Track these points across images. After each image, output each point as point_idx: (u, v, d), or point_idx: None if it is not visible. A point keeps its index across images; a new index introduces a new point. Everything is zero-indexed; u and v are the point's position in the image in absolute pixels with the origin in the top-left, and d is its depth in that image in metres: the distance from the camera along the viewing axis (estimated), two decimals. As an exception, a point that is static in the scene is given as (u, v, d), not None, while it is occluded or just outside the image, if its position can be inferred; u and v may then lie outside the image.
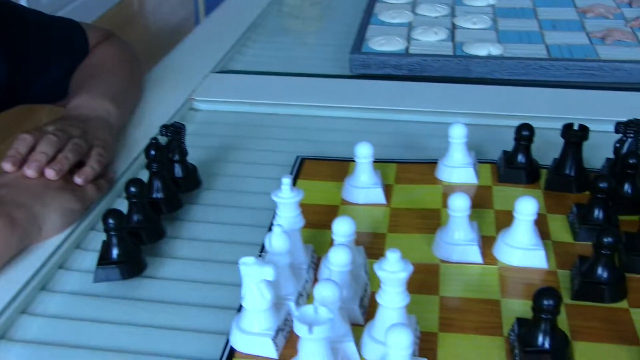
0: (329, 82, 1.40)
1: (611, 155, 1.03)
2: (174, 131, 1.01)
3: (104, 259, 0.85)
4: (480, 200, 0.99)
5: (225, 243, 0.93)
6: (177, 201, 0.98)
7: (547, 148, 1.07)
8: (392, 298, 0.70)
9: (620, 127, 1.00)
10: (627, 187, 0.96)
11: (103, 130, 1.07)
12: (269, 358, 0.73)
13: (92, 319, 0.81)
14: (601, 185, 0.90)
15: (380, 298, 0.71)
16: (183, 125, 1.03)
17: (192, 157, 1.05)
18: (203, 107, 1.31)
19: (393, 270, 0.69)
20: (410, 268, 0.70)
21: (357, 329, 0.76)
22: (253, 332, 0.73)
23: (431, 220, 0.95)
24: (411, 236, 0.93)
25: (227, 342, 0.75)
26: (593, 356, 0.73)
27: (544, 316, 0.71)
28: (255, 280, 0.71)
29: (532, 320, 0.72)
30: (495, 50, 1.41)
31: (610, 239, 0.79)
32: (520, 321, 0.75)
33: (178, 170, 1.02)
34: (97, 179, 1.00)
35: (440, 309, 0.80)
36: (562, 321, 0.77)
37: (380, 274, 0.70)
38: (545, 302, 0.71)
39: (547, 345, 0.71)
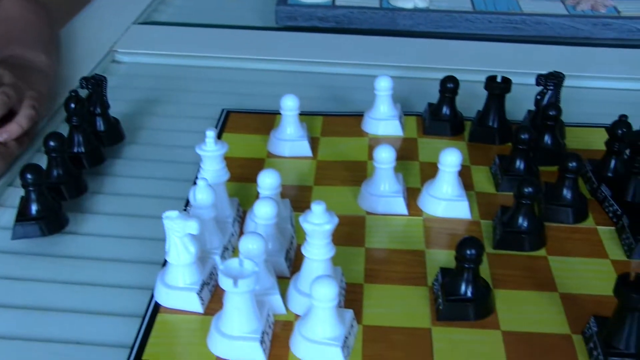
0: (255, 34, 1.38)
1: (533, 108, 1.05)
2: (95, 84, 0.99)
3: (22, 215, 0.82)
4: (405, 153, 1.00)
5: (149, 197, 0.91)
6: (100, 155, 0.96)
7: (472, 100, 1.09)
8: (318, 250, 0.71)
9: (541, 79, 1.02)
10: (547, 138, 0.98)
11: (39, 81, 1.03)
12: (194, 312, 0.73)
13: (13, 276, 0.79)
14: (522, 136, 0.91)
15: (305, 250, 0.71)
16: (104, 77, 1.00)
17: (115, 111, 1.03)
18: (126, 60, 1.28)
19: (318, 223, 0.69)
20: (336, 220, 0.70)
21: (284, 281, 0.76)
22: (178, 286, 0.73)
23: (357, 173, 0.95)
24: (337, 188, 0.93)
25: (152, 297, 0.74)
26: (513, 303, 0.75)
27: (466, 265, 0.72)
28: (179, 234, 0.70)
29: (455, 270, 0.74)
30: (421, 3, 1.41)
31: (530, 189, 0.81)
32: (444, 271, 0.76)
33: (100, 124, 0.99)
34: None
35: (366, 261, 0.81)
36: (484, 270, 0.78)
37: (305, 226, 0.70)
38: (468, 252, 0.72)
39: (469, 293, 0.73)
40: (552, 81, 1.01)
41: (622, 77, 1.23)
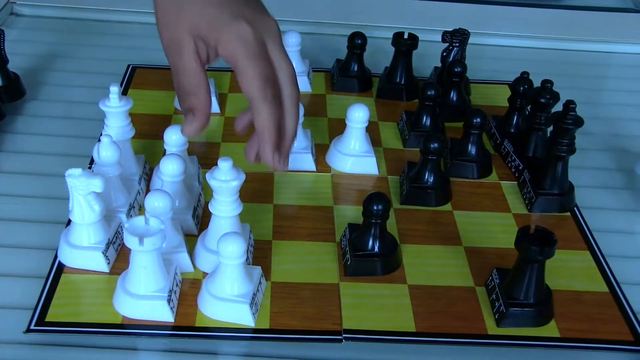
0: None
1: (439, 64, 1.06)
2: (-9, 37, 0.95)
3: None
4: (314, 109, 1.00)
5: (51, 155, 0.89)
6: (-2, 112, 0.93)
7: (380, 57, 1.09)
8: (225, 207, 0.70)
9: (446, 36, 1.03)
10: (453, 94, 0.99)
11: None
12: (99, 272, 0.71)
13: None
14: (428, 93, 0.92)
15: (212, 207, 0.71)
16: (2, 30, 0.96)
17: (14, 65, 0.99)
18: (26, 12, 1.23)
19: (225, 179, 0.69)
20: (243, 177, 0.70)
21: (192, 239, 0.75)
22: (82, 246, 0.71)
23: (266, 129, 0.95)
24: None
25: (56, 257, 0.73)
26: (420, 257, 0.77)
27: (373, 221, 0.73)
28: (83, 192, 0.68)
29: (362, 226, 0.75)
30: (330, -43, 1.40)
31: (435, 145, 0.82)
32: (352, 226, 0.77)
33: (-3, 79, 0.96)
34: None
35: (274, 217, 0.81)
36: (392, 225, 0.79)
37: (212, 183, 0.69)
38: (375, 207, 0.73)
39: (376, 249, 0.74)
40: (457, 38, 1.02)
41: (525, 35, 1.26)
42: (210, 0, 0.63)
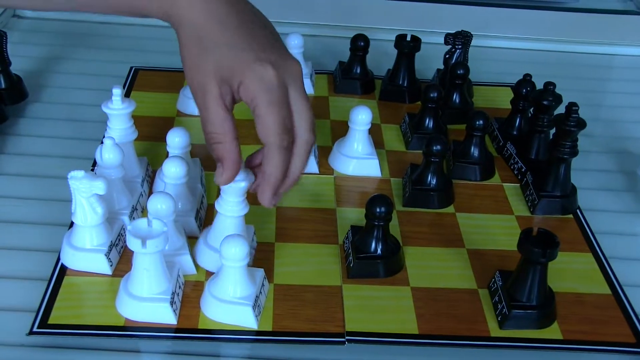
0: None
1: (441, 66, 1.06)
2: (-6, 39, 0.95)
3: None
4: (316, 111, 0.99)
5: (54, 157, 0.89)
6: (1, 114, 0.93)
7: (382, 59, 1.09)
8: (231, 207, 0.70)
9: (449, 38, 1.03)
10: (455, 96, 0.99)
11: None
12: (102, 274, 0.71)
13: None
14: (431, 94, 0.92)
15: (219, 206, 0.71)
16: (4, 32, 0.96)
17: (17, 68, 0.99)
18: (28, 14, 1.23)
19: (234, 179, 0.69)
20: (252, 178, 0.69)
21: (194, 241, 0.75)
22: (85, 248, 0.71)
23: (268, 132, 0.95)
24: (249, 147, 0.92)
25: (58, 259, 0.73)
26: (422, 259, 0.77)
27: (376, 223, 0.73)
28: (85, 194, 0.68)
29: (365, 228, 0.75)
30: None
31: (438, 147, 0.82)
32: (354, 229, 0.77)
33: (0, 81, 0.95)
34: None
35: (277, 219, 0.81)
36: (394, 227, 0.79)
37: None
38: (377, 210, 0.73)
39: (379, 251, 0.74)
40: (460, 40, 1.02)
41: (527, 38, 1.26)
42: (235, 43, 0.61)
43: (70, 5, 0.66)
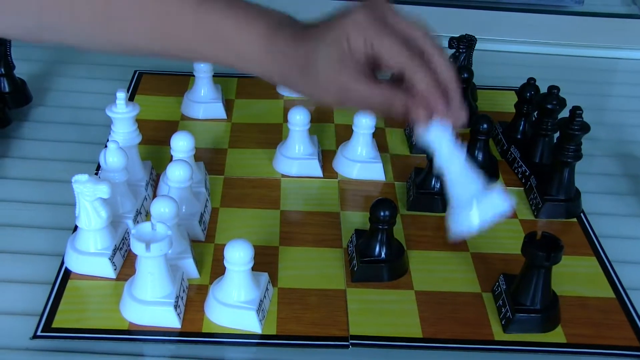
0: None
1: (446, 70, 1.06)
2: (-2, 43, 0.95)
3: None
4: (320, 115, 1.00)
5: (58, 161, 0.89)
6: (5, 118, 0.93)
7: (386, 63, 1.09)
8: None
9: (453, 42, 1.03)
10: (459, 100, 0.99)
11: None
12: (106, 278, 0.71)
13: None
14: (435, 99, 0.92)
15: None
16: (8, 36, 0.96)
17: (21, 71, 0.99)
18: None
19: None
20: None
21: (198, 245, 0.75)
22: (89, 252, 0.71)
23: (272, 135, 0.95)
24: (252, 151, 0.92)
25: (62, 263, 0.73)
26: (426, 263, 0.76)
27: (380, 227, 0.73)
28: (89, 198, 0.69)
29: (369, 231, 0.74)
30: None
31: (442, 151, 0.82)
32: (358, 232, 0.77)
33: (4, 85, 0.96)
34: None
35: (281, 223, 0.81)
36: (398, 231, 0.79)
37: None
38: (381, 213, 0.73)
39: (383, 254, 0.74)
40: (464, 44, 1.02)
41: (531, 41, 1.26)
42: (321, 33, 0.60)
43: (124, 47, 0.65)
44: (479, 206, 0.64)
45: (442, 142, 0.62)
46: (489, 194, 0.64)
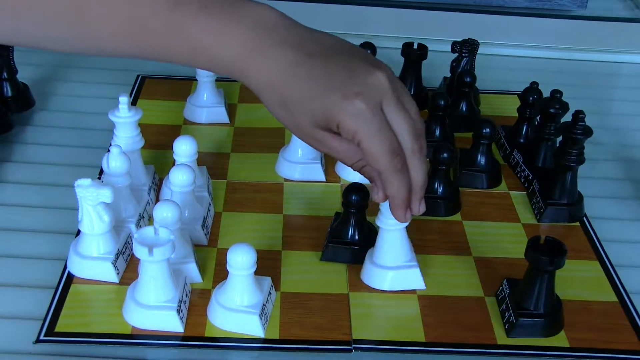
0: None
1: (448, 74, 1.06)
2: (0, 47, 0.95)
3: None
4: (323, 119, 1.00)
5: (61, 165, 0.89)
6: (7, 122, 0.93)
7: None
8: (394, 220, 0.69)
9: (456, 46, 1.03)
10: (462, 104, 0.99)
11: None
12: (109, 282, 0.71)
13: None
14: (438, 103, 0.92)
15: (380, 221, 0.71)
16: (11, 41, 0.96)
17: (23, 76, 0.99)
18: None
19: None
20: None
21: (201, 249, 0.75)
22: (92, 256, 0.71)
23: (275, 139, 0.95)
24: (255, 155, 0.92)
25: (65, 267, 0.73)
26: (429, 267, 0.76)
27: (352, 211, 0.75)
28: (92, 202, 0.69)
29: (342, 215, 0.77)
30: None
31: (445, 155, 0.82)
32: (337, 214, 0.80)
33: (7, 89, 0.96)
34: None
35: (284, 227, 0.81)
36: (401, 235, 0.79)
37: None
38: (353, 197, 0.75)
39: (356, 237, 0.76)
40: (467, 48, 1.02)
41: (534, 45, 1.26)
42: (316, 91, 0.60)
43: (102, 50, 0.64)
44: (396, 275, 0.72)
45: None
46: (409, 269, 0.72)
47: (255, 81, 0.62)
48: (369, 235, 0.76)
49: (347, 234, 0.76)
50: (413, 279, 0.72)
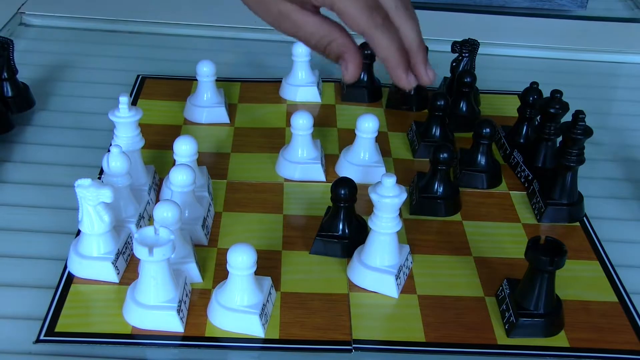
0: (170, -2, 1.35)
1: (448, 74, 1.06)
2: (0, 47, 0.95)
3: None
4: (323, 119, 1.00)
5: (61, 165, 0.89)
6: (8, 122, 0.93)
7: (388, 67, 1.09)
8: (386, 224, 0.71)
9: (456, 46, 1.03)
10: (462, 104, 0.99)
11: None
12: (109, 282, 0.71)
13: None
14: (438, 103, 0.92)
15: (372, 223, 0.71)
16: (11, 40, 0.96)
17: (24, 76, 0.99)
18: (35, 22, 1.24)
19: (389, 195, 0.70)
20: (404, 195, 0.70)
21: (201, 250, 0.75)
22: (92, 256, 0.71)
23: (275, 139, 0.95)
24: (255, 155, 0.92)
25: (65, 267, 0.73)
26: (429, 267, 0.76)
27: (341, 205, 0.76)
28: (92, 202, 0.69)
29: (331, 209, 0.77)
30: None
31: (445, 155, 0.82)
32: (329, 208, 0.80)
33: (7, 89, 0.96)
34: None
35: (284, 228, 0.81)
36: (401, 235, 0.79)
37: (373, 197, 0.71)
38: (341, 191, 0.75)
39: (346, 231, 0.77)
40: (467, 48, 1.02)
41: (534, 45, 1.26)
42: None
43: None
44: (374, 277, 0.72)
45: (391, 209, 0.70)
46: (385, 275, 0.72)
47: None
48: (359, 229, 0.77)
49: (337, 228, 0.77)
50: (387, 286, 0.72)
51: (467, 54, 1.03)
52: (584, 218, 0.85)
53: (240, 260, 0.65)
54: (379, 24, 0.58)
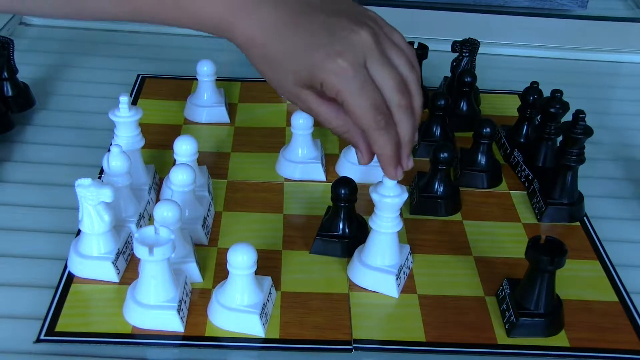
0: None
1: (449, 74, 1.06)
2: (1, 46, 0.95)
3: None
4: (323, 119, 1.00)
5: (61, 165, 0.89)
6: (8, 122, 0.93)
7: (389, 66, 1.09)
8: (387, 223, 0.71)
9: (456, 46, 1.03)
10: (462, 104, 0.99)
11: None
12: (109, 282, 0.71)
13: None
14: (438, 102, 0.92)
15: (373, 223, 0.71)
16: (11, 40, 0.96)
17: (24, 75, 0.99)
18: (35, 22, 1.24)
19: (390, 195, 0.70)
20: (405, 194, 0.70)
21: (201, 249, 0.75)
22: (92, 256, 0.71)
23: (275, 139, 0.95)
24: (255, 155, 0.92)
25: (65, 267, 0.73)
26: (430, 267, 0.76)
27: (341, 204, 0.76)
28: (92, 202, 0.69)
29: (332, 209, 0.77)
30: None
31: (445, 155, 0.82)
32: (329, 208, 0.79)
33: (7, 89, 0.96)
34: None
35: (285, 227, 0.81)
36: (401, 235, 0.79)
37: (374, 196, 0.70)
38: (342, 191, 0.75)
39: (347, 231, 0.76)
40: (467, 48, 1.02)
41: (534, 45, 1.26)
42: (300, 50, 0.61)
43: (89, 14, 0.66)
44: (374, 276, 0.72)
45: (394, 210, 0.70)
46: (385, 274, 0.72)
47: (240, 39, 0.63)
48: (359, 229, 0.77)
49: (337, 227, 0.77)
50: (388, 285, 0.72)
51: (467, 54, 1.03)
52: (584, 218, 0.85)
53: (241, 259, 0.65)
54: (381, 126, 0.62)
